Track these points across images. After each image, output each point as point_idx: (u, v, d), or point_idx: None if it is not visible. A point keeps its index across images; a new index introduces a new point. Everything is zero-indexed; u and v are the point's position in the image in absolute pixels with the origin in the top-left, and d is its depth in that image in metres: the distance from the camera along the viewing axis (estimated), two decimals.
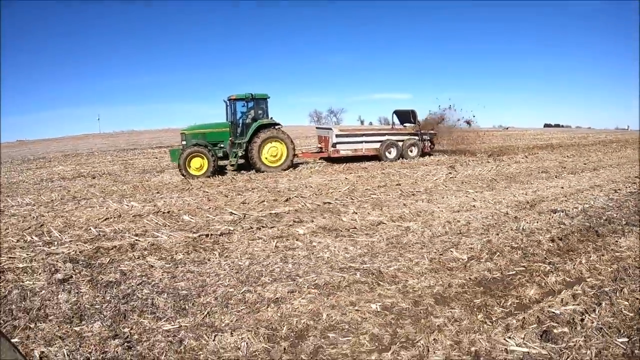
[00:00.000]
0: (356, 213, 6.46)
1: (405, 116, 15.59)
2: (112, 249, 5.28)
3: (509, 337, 2.91)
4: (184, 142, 11.55)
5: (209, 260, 4.75)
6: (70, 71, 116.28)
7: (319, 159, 14.09)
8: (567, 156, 15.13)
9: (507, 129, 45.36)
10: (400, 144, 14.23)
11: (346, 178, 10.08)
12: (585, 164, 12.72)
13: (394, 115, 16.27)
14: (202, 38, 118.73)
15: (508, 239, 5.08)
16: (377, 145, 13.99)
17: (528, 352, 2.74)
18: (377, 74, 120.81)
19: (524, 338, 2.90)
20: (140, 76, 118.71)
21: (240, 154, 11.84)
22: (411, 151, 14.35)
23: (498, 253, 4.58)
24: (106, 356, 2.94)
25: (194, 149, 11.15)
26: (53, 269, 4.58)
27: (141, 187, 9.82)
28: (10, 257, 4.99)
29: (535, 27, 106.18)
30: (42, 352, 2.96)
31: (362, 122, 72.36)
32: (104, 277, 4.36)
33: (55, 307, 3.73)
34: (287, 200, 7.61)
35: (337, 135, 13.51)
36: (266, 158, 11.81)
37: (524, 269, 4.18)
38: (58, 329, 3.35)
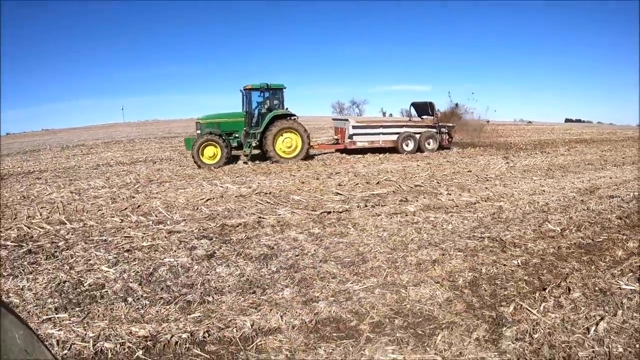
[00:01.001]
0: (449, 194, 7.65)
1: (423, 108, 15.71)
2: (237, 226, 5.57)
3: (618, 280, 4.19)
4: (198, 131, 11.75)
5: (348, 233, 5.27)
6: (91, 62, 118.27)
7: (334, 151, 14.11)
8: (604, 150, 16.09)
9: (530, 123, 45.92)
10: (417, 136, 14.19)
11: (418, 165, 11.26)
12: (623, 158, 13.72)
13: (412, 107, 16.53)
14: (225, 32, 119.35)
15: (584, 217, 6.31)
16: (394, 137, 13.97)
17: (635, 290, 4.03)
18: (397, 64, 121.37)
19: (627, 280, 4.15)
20: (159, 67, 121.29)
21: (254, 144, 11.89)
22: (429, 144, 14.32)
23: (583, 226, 5.80)
24: (320, 317, 3.23)
25: (208, 137, 11.27)
26: (188, 245, 4.79)
27: (220, 171, 10.51)
28: (125, 237, 5.15)
29: (552, 18, 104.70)
30: (246, 321, 3.13)
31: (384, 114, 72.82)
32: (251, 251, 4.64)
33: (220, 281, 3.88)
34: (377, 183, 8.78)
35: (353, 127, 13.55)
36: (280, 149, 11.88)
37: (606, 237, 5.40)
38: (243, 299, 3.48)
